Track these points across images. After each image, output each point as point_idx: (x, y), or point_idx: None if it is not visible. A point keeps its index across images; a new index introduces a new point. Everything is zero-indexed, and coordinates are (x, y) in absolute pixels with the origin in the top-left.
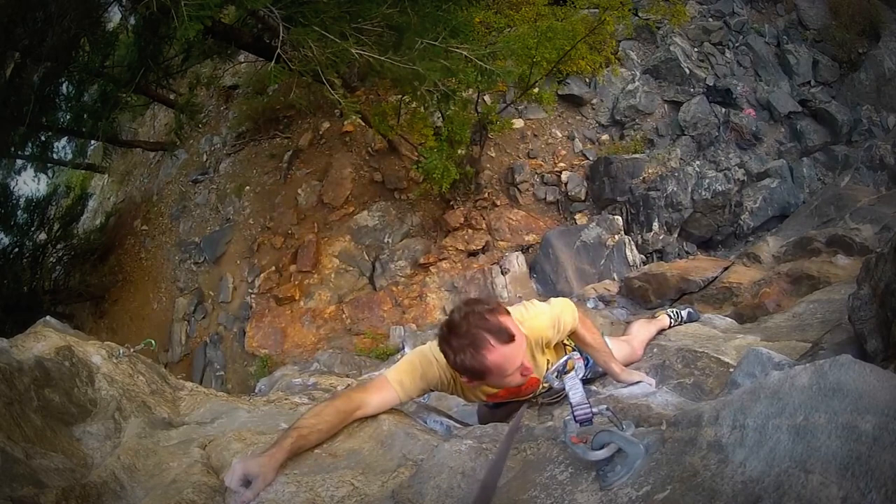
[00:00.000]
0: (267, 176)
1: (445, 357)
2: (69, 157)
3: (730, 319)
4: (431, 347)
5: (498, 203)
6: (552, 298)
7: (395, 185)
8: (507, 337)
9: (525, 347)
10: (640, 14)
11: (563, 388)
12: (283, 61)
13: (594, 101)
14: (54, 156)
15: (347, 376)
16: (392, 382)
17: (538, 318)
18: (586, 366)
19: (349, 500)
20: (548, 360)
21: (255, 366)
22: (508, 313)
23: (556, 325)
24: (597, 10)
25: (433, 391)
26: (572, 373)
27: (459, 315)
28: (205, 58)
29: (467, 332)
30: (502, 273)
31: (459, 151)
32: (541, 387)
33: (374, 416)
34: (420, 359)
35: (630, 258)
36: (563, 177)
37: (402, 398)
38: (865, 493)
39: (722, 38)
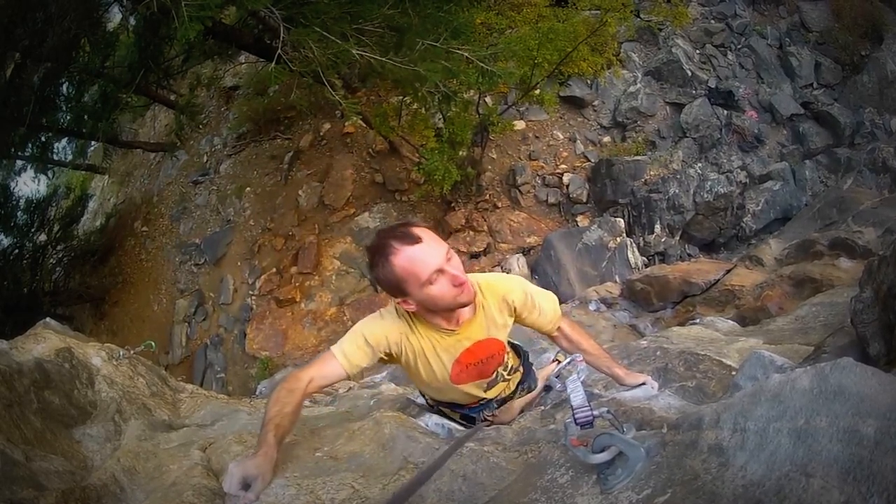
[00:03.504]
0: (267, 177)
1: (371, 275)
2: (69, 157)
3: (732, 322)
4: (385, 308)
5: (499, 205)
6: (540, 288)
7: (396, 187)
8: (411, 238)
9: (443, 253)
10: (641, 15)
11: (565, 390)
12: (283, 62)
13: (596, 102)
14: (54, 156)
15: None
16: (336, 354)
17: (505, 279)
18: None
19: (350, 503)
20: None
21: (255, 368)
22: (430, 229)
23: (527, 296)
24: (598, 12)
25: (388, 356)
26: (574, 375)
27: (376, 234)
28: (205, 58)
29: (377, 245)
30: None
31: (461, 153)
32: (506, 359)
33: (375, 419)
34: (366, 323)
35: (632, 260)
36: (565, 179)
37: (347, 370)
38: (867, 498)
39: (724, 39)
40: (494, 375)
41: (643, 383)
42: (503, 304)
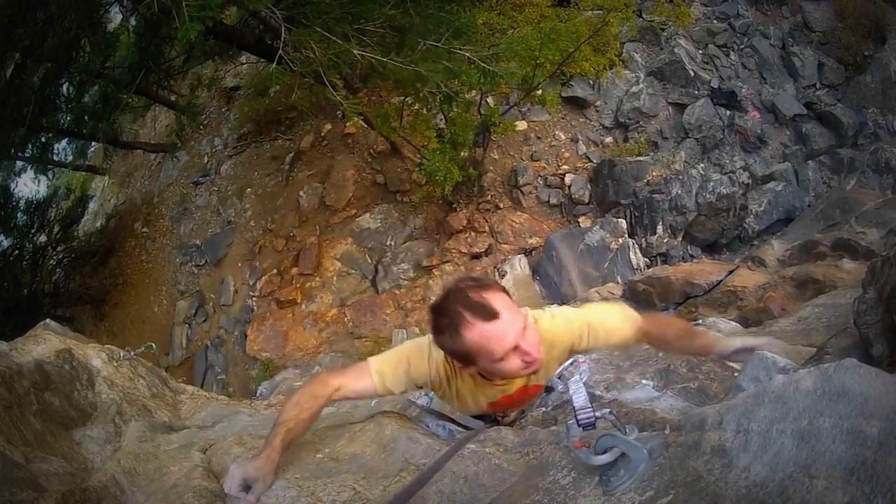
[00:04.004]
0: (268, 178)
1: (435, 341)
2: (69, 158)
3: (735, 323)
4: (431, 339)
5: (501, 206)
6: (604, 304)
7: (398, 188)
8: (488, 314)
9: (520, 329)
10: (644, 16)
11: (567, 392)
12: (284, 62)
13: (598, 103)
14: (54, 157)
15: None
16: (372, 372)
17: (557, 322)
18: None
19: None
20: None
21: (256, 369)
22: (504, 291)
23: (584, 332)
24: (600, 12)
25: (422, 389)
26: (576, 376)
27: (443, 294)
28: (206, 59)
29: (447, 311)
30: (499, 276)
31: (462, 153)
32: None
33: (376, 421)
34: (412, 351)
35: (634, 261)
36: (567, 179)
37: (378, 391)
38: (871, 499)
39: (727, 40)
40: (530, 403)
41: (751, 349)
42: (552, 355)
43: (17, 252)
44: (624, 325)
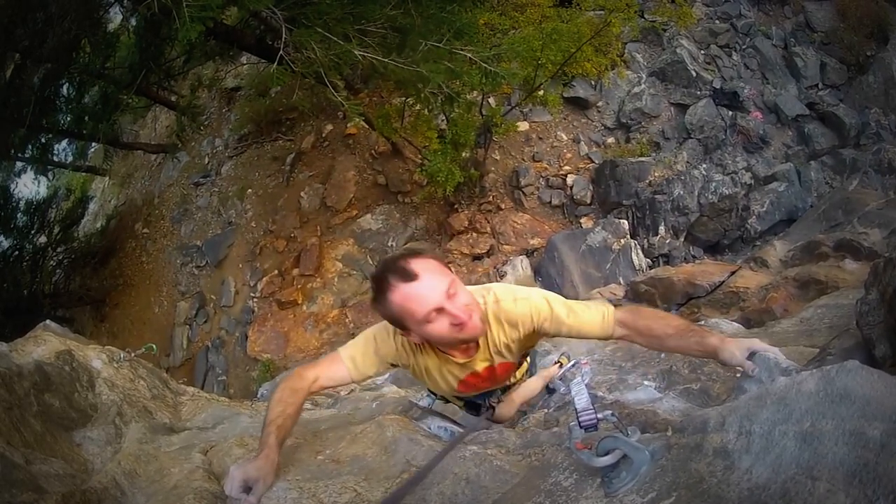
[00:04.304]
0: (269, 179)
1: (372, 308)
2: (70, 159)
3: (737, 324)
4: None
5: (503, 206)
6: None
7: (399, 188)
8: (408, 275)
9: (442, 291)
10: (646, 16)
11: (569, 393)
12: (285, 63)
13: (600, 103)
14: (55, 158)
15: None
16: (344, 359)
17: (520, 302)
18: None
19: None
20: (532, 346)
21: (257, 370)
22: (438, 259)
23: (546, 315)
24: (602, 12)
25: (396, 366)
26: (578, 377)
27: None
28: (206, 59)
29: (376, 277)
30: (500, 277)
31: (464, 154)
32: (514, 375)
33: (377, 423)
34: (378, 330)
35: (636, 262)
36: (569, 180)
37: (353, 376)
38: (873, 501)
39: (729, 40)
40: (507, 380)
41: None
42: (514, 332)
43: (17, 253)
44: (594, 314)
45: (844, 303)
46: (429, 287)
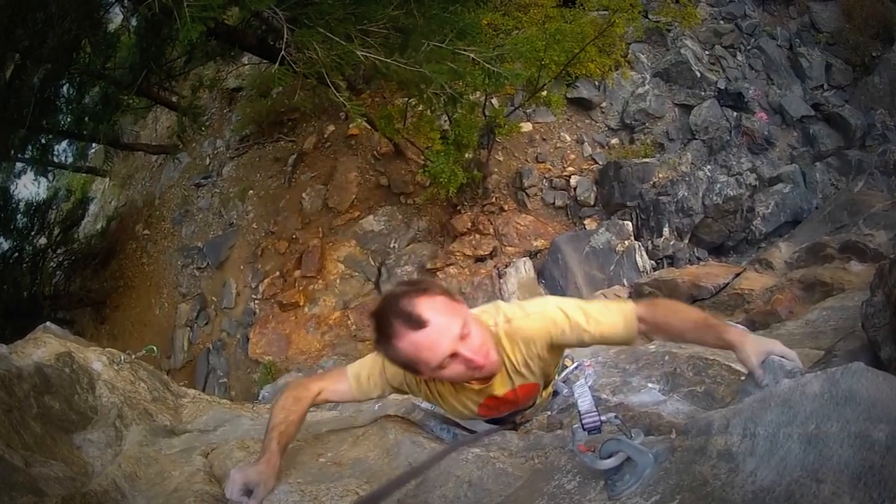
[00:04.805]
0: (271, 180)
1: (377, 350)
2: (70, 160)
3: (742, 326)
4: None
5: (506, 208)
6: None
7: (402, 190)
8: (416, 322)
9: (455, 336)
10: (650, 16)
11: (573, 395)
12: (287, 63)
13: (603, 104)
14: (55, 159)
15: None
16: (349, 376)
17: (532, 320)
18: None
19: None
20: (555, 364)
21: (258, 373)
22: (444, 294)
23: (564, 325)
24: (606, 12)
25: (405, 394)
26: (581, 380)
27: (380, 301)
28: (208, 60)
29: (381, 320)
30: (499, 278)
31: (466, 155)
32: (540, 395)
33: (380, 425)
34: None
35: (640, 264)
36: (572, 181)
37: (355, 395)
38: (878, 503)
39: (733, 40)
40: (531, 402)
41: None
42: (530, 349)
43: (16, 254)
44: (614, 317)
45: (850, 305)
46: (439, 333)
